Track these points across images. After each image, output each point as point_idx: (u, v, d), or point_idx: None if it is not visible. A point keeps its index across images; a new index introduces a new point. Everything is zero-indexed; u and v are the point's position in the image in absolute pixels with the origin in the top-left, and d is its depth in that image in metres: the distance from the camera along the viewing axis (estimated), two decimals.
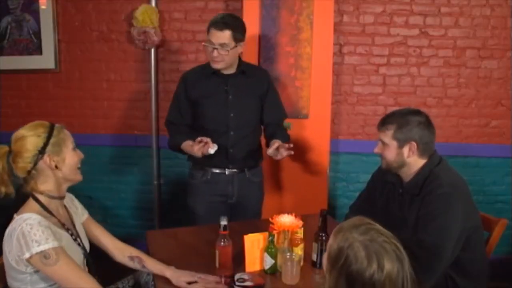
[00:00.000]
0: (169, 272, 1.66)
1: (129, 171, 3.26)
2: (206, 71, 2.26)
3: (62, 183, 1.57)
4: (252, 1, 2.71)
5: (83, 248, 1.61)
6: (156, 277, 1.69)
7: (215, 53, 2.14)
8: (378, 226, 1.17)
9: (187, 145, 2.22)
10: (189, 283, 1.61)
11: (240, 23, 2.19)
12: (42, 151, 1.49)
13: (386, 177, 1.95)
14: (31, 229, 1.39)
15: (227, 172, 2.30)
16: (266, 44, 2.74)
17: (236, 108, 2.25)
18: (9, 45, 3.12)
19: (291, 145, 2.16)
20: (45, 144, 1.50)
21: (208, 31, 2.16)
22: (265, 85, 2.35)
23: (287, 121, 2.78)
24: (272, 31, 2.73)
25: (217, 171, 2.30)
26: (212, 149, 2.10)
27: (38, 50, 3.12)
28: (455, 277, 1.77)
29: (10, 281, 1.49)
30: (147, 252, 1.84)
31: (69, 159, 1.56)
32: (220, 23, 2.11)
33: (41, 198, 1.52)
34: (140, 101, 3.19)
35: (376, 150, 1.86)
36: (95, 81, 3.18)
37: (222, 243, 1.66)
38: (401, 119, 1.78)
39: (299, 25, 2.72)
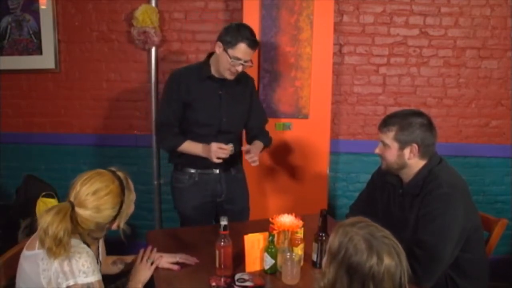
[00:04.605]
0: None
1: (129, 171, 3.24)
2: (200, 74, 2.23)
3: None
4: (252, 1, 2.71)
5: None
6: (156, 277, 1.69)
7: (241, 69, 2.14)
8: (376, 224, 1.19)
9: (192, 144, 2.20)
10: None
11: None
12: (112, 221, 1.47)
13: (386, 178, 1.95)
14: (79, 259, 1.35)
15: (213, 172, 2.29)
16: (266, 44, 2.74)
17: (229, 113, 2.25)
18: (9, 45, 3.12)
19: (256, 161, 2.17)
20: (117, 215, 1.46)
21: (232, 43, 2.08)
22: (251, 90, 2.37)
23: (287, 121, 2.80)
24: (272, 31, 2.73)
25: (204, 171, 2.29)
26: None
27: (38, 50, 3.12)
28: (455, 278, 1.77)
29: (21, 285, 1.45)
30: None
31: (129, 214, 1.54)
32: (253, 40, 2.10)
33: (87, 239, 1.47)
34: (140, 101, 3.19)
35: (377, 150, 1.86)
36: (95, 81, 3.18)
37: (222, 243, 1.66)
38: (403, 121, 1.77)
39: (299, 25, 2.72)
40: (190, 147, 2.22)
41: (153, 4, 2.99)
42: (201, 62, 2.29)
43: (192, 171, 2.29)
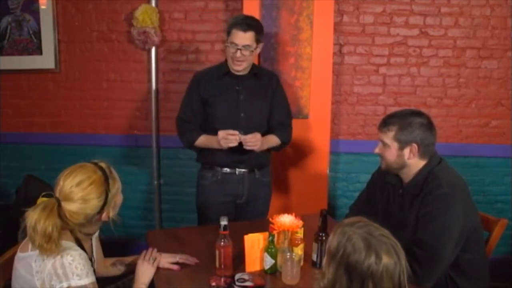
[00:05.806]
0: None
1: (129, 171, 3.26)
2: (219, 72, 2.30)
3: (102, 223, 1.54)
4: (252, 1, 2.72)
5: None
6: (156, 277, 1.69)
7: (239, 54, 2.16)
8: (375, 224, 1.19)
9: (207, 137, 2.24)
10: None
11: (260, 24, 2.25)
12: (100, 211, 1.46)
13: (386, 178, 1.95)
14: (72, 262, 1.35)
15: (237, 172, 2.31)
16: (266, 44, 2.73)
17: (247, 108, 2.27)
18: (9, 45, 3.12)
19: (251, 146, 2.15)
20: (104, 204, 1.45)
21: (229, 32, 2.17)
22: (274, 87, 2.37)
23: None
24: (272, 31, 2.73)
25: (228, 171, 2.30)
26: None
27: (38, 50, 3.12)
28: (455, 278, 1.77)
29: (17, 286, 1.45)
30: None
31: (118, 203, 1.54)
32: (244, 24, 2.15)
33: (79, 235, 1.47)
34: (140, 101, 3.19)
35: (377, 150, 1.86)
36: (95, 81, 3.18)
37: (222, 243, 1.66)
38: (403, 121, 1.77)
39: (299, 25, 2.72)
40: (205, 140, 2.26)
41: (153, 4, 2.99)
42: (221, 62, 2.36)
43: (217, 169, 2.31)
